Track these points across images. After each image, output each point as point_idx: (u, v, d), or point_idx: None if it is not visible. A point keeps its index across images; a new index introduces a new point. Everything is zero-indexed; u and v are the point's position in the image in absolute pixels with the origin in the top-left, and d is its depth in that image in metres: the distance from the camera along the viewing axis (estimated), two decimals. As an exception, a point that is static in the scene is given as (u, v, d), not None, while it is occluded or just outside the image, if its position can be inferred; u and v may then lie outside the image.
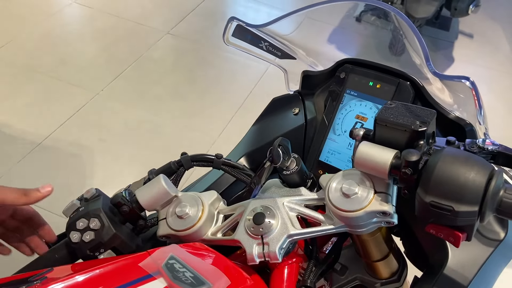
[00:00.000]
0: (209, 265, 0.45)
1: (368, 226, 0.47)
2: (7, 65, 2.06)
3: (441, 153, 0.41)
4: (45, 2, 2.51)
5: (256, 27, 0.55)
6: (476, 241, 0.52)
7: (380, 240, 0.54)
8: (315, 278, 0.53)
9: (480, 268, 0.50)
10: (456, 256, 0.51)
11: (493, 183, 0.38)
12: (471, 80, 0.44)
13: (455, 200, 0.38)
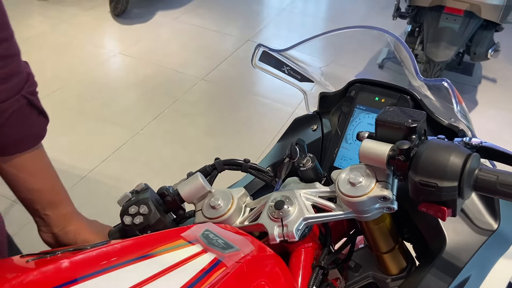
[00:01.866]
0: (237, 236, 0.54)
1: (372, 212, 0.56)
2: (58, 107, 2.28)
3: (428, 142, 0.50)
4: (94, 53, 2.78)
5: (278, 51, 0.67)
6: (471, 231, 0.59)
7: (385, 230, 0.62)
8: (328, 261, 0.60)
9: (475, 254, 0.57)
10: (452, 244, 0.58)
11: (469, 163, 0.46)
12: (448, 81, 0.53)
13: (439, 177, 0.47)
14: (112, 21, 3.12)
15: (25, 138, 0.57)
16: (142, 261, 0.47)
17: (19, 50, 0.56)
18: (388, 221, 0.62)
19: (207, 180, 0.70)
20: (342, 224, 0.70)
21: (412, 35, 2.28)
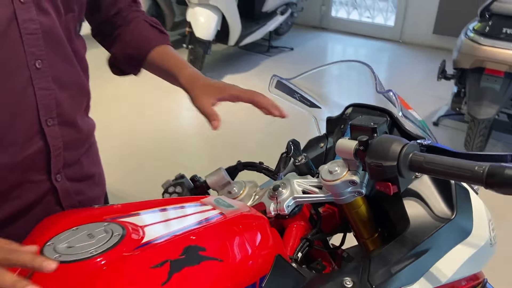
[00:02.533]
0: (240, 203, 0.73)
1: (345, 195, 0.72)
2: (134, 154, 2.66)
3: (380, 136, 0.67)
4: (171, 107, 3.19)
5: (288, 80, 0.88)
6: (430, 218, 0.72)
7: (363, 216, 0.76)
8: (314, 237, 0.76)
9: (431, 235, 0.70)
10: (413, 226, 0.71)
11: (405, 148, 0.63)
12: (393, 91, 0.71)
13: (383, 159, 0.63)
14: (187, 82, 3.58)
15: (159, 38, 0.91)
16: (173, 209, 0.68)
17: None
18: (364, 208, 0.77)
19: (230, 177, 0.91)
20: (335, 218, 0.86)
21: (458, 96, 2.39)
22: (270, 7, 3.91)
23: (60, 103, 0.74)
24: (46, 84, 0.71)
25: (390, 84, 3.76)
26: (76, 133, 0.81)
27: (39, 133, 0.73)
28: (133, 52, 0.91)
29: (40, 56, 0.70)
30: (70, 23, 0.76)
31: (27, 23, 0.67)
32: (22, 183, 0.74)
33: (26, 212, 0.77)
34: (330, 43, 4.63)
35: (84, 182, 0.87)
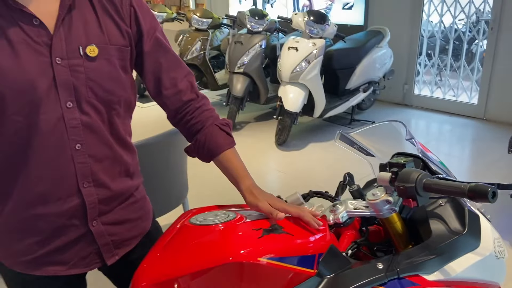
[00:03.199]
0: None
1: (384, 211, 1.02)
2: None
3: (404, 168, 0.99)
4: (257, 168, 3.63)
5: (349, 134, 1.22)
6: (447, 232, 0.99)
7: (398, 230, 1.05)
8: (362, 243, 1.06)
9: (446, 243, 0.97)
10: (434, 236, 0.99)
11: (420, 175, 0.93)
12: (415, 139, 1.02)
13: (405, 182, 0.95)
14: (275, 148, 4.03)
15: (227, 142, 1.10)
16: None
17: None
18: (399, 225, 1.06)
19: (304, 200, 1.25)
20: (380, 234, 1.14)
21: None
22: (353, 85, 4.33)
23: (94, 172, 0.98)
24: (83, 159, 0.96)
25: (473, 158, 3.87)
26: (108, 192, 1.02)
27: (78, 192, 0.97)
28: (205, 153, 1.10)
29: (79, 141, 0.94)
30: (113, 117, 1.00)
31: (71, 120, 0.92)
32: (66, 226, 0.99)
33: (69, 246, 1.02)
34: (412, 118, 4.85)
35: (118, 226, 1.07)
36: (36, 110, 0.88)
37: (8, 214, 0.97)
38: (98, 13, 0.95)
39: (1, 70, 0.84)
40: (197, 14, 4.89)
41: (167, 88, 1.06)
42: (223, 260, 0.82)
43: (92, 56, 0.93)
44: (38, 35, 0.88)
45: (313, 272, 0.92)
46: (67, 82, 0.90)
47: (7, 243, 1.00)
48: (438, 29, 4.90)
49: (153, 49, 1.04)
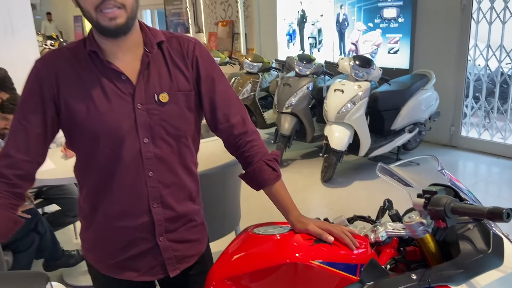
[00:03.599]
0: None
1: (418, 232, 1.18)
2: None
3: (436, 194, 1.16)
4: (303, 204, 3.79)
5: (388, 166, 1.40)
6: (473, 251, 1.14)
7: (432, 249, 1.20)
8: (399, 260, 1.22)
9: (472, 260, 1.11)
10: (462, 254, 1.14)
11: (448, 200, 1.10)
12: (445, 170, 1.19)
13: (436, 206, 1.12)
14: (320, 185, 4.19)
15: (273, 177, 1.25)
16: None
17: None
18: (433, 245, 1.21)
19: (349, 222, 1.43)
20: (417, 254, 1.29)
21: None
22: (399, 126, 4.46)
23: (162, 195, 1.18)
24: (154, 184, 1.16)
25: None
26: (173, 213, 1.21)
27: (148, 211, 1.18)
28: (254, 184, 1.26)
29: (152, 169, 1.15)
30: (182, 149, 1.20)
31: (146, 153, 1.14)
32: (139, 238, 1.20)
33: (141, 256, 1.22)
34: (459, 159, 4.87)
35: (180, 244, 1.25)
36: (120, 144, 1.12)
37: (97, 225, 1.21)
38: (169, 66, 1.17)
39: (99, 113, 1.11)
40: (249, 59, 5.28)
41: (221, 123, 1.23)
42: (281, 261, 1.03)
43: (164, 101, 1.15)
44: (125, 87, 1.13)
45: (355, 278, 1.09)
46: (145, 123, 1.13)
47: (98, 249, 1.25)
48: (484, 73, 4.98)
49: (209, 90, 1.21)
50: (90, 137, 1.13)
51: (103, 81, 1.12)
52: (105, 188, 1.16)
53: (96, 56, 1.12)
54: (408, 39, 5.22)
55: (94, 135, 1.12)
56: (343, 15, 5.93)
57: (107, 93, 1.12)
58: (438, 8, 4.99)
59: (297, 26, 6.74)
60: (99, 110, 1.11)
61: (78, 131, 1.13)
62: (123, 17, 1.05)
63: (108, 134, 1.12)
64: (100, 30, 1.07)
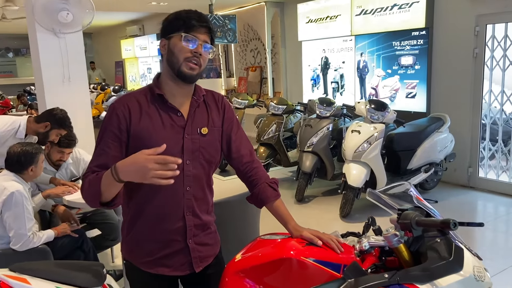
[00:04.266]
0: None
1: (394, 242, 1.47)
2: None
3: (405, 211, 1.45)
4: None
5: (376, 192, 1.69)
6: (438, 259, 1.41)
7: (405, 256, 1.47)
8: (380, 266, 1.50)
9: (436, 266, 1.38)
10: (429, 261, 1.41)
11: (413, 215, 1.40)
12: (413, 190, 1.48)
13: (404, 219, 1.41)
14: (339, 220, 4.43)
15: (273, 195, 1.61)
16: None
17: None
18: (406, 254, 1.48)
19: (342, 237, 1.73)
20: (396, 262, 1.56)
21: None
22: (415, 165, 4.69)
23: (193, 206, 1.53)
24: (189, 197, 1.51)
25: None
26: (199, 221, 1.56)
27: (183, 218, 1.52)
28: (258, 202, 1.63)
29: (189, 185, 1.50)
30: (210, 171, 1.58)
31: (187, 171, 1.49)
32: (173, 240, 1.53)
33: (174, 255, 1.53)
34: (478, 200, 5.00)
35: (202, 246, 1.59)
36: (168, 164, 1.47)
37: (140, 225, 1.54)
38: (208, 109, 1.59)
39: (158, 139, 1.47)
40: (274, 101, 5.70)
41: (234, 153, 1.63)
42: (280, 256, 1.35)
43: (204, 133, 1.55)
44: (178, 121, 1.53)
45: (339, 275, 1.39)
46: (188, 148, 1.51)
47: (139, 248, 1.57)
48: (500, 116, 5.19)
49: (227, 128, 1.62)
50: None
51: (163, 115, 1.50)
52: (151, 197, 1.51)
53: (159, 97, 1.52)
54: (425, 85, 5.53)
55: None
56: (363, 62, 6.33)
57: (164, 124, 1.51)
58: (451, 56, 5.31)
59: (320, 72, 7.17)
60: (158, 136, 1.48)
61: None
62: (197, 71, 1.48)
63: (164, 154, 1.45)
64: (178, 74, 1.47)
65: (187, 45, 1.46)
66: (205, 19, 1.51)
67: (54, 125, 2.91)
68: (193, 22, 1.47)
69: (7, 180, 2.45)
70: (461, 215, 4.40)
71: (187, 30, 1.47)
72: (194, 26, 1.47)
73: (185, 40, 1.46)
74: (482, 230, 4.13)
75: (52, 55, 3.62)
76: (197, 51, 1.46)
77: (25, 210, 2.38)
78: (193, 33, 1.47)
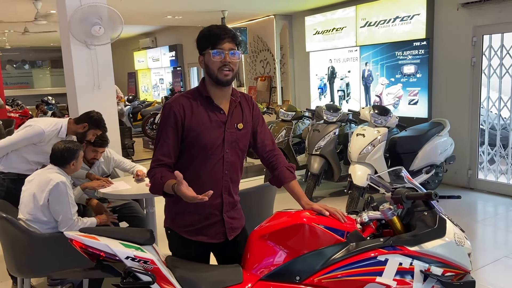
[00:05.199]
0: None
1: (389, 214, 1.78)
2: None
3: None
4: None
5: (374, 176, 2.00)
6: (425, 227, 1.72)
7: (398, 226, 1.79)
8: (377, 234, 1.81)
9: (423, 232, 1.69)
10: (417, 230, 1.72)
11: (404, 191, 1.72)
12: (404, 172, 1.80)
13: (396, 195, 1.74)
14: (345, 218, 4.72)
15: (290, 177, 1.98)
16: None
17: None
18: (399, 225, 1.80)
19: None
20: (390, 233, 1.87)
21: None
22: (417, 167, 4.99)
23: (229, 187, 1.87)
24: (227, 179, 1.85)
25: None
26: (232, 199, 1.91)
27: (220, 196, 1.85)
28: (278, 182, 1.97)
29: (227, 169, 1.84)
30: (242, 159, 1.92)
31: (226, 159, 1.84)
32: (212, 213, 1.86)
33: (211, 226, 1.86)
34: (478, 200, 5.26)
35: (234, 220, 1.93)
36: (213, 151, 1.83)
37: (184, 202, 1.78)
38: (243, 108, 1.94)
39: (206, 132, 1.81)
40: (283, 108, 6.04)
41: (258, 142, 1.99)
42: (294, 222, 1.68)
43: (240, 128, 1.90)
44: (221, 117, 1.87)
45: (343, 240, 1.71)
46: (228, 140, 1.86)
47: (182, 219, 1.90)
48: (497, 122, 5.48)
49: (255, 124, 1.97)
50: (199, 146, 1.82)
51: (210, 113, 1.86)
52: (197, 179, 1.82)
53: (207, 98, 1.86)
54: (426, 92, 5.85)
55: (202, 145, 1.82)
56: (368, 71, 6.67)
57: (211, 120, 1.85)
58: (450, 65, 5.64)
59: (327, 81, 7.52)
60: (207, 130, 1.83)
61: (193, 142, 1.82)
62: (231, 76, 1.81)
63: (210, 144, 1.83)
64: (216, 81, 1.82)
65: (216, 58, 1.79)
66: (226, 31, 1.80)
67: (91, 126, 3.27)
68: (216, 37, 1.77)
69: (52, 173, 2.79)
70: (460, 213, 4.68)
71: (213, 46, 1.78)
72: (218, 40, 1.77)
73: (214, 54, 1.78)
74: (481, 226, 4.42)
75: (84, 65, 4.00)
76: (225, 61, 1.78)
77: (69, 198, 2.72)
78: (219, 46, 1.77)
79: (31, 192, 2.75)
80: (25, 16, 7.27)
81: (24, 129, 3.28)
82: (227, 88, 1.87)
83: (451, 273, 1.68)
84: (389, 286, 1.62)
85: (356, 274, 1.64)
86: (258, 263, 1.70)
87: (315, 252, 1.67)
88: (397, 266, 1.64)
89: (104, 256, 1.53)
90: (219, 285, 1.64)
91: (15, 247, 2.71)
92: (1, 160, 3.28)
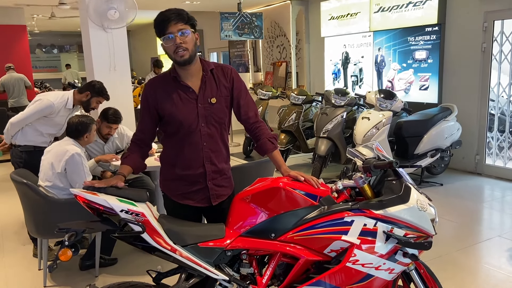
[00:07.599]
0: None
1: (360, 182, 1.96)
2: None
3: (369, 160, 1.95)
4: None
5: (351, 149, 2.18)
6: (391, 193, 1.89)
7: (369, 194, 1.96)
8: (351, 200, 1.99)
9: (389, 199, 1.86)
10: (385, 196, 1.89)
11: (372, 161, 1.90)
12: (376, 144, 1.96)
13: (366, 164, 1.91)
14: (349, 198, 4.89)
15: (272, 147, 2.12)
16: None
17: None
18: (369, 192, 1.96)
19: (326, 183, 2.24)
20: (363, 200, 2.04)
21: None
22: (422, 151, 5.09)
23: (211, 157, 2.01)
24: (206, 151, 2.00)
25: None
26: (216, 168, 2.04)
27: (202, 166, 2.01)
28: (261, 152, 2.09)
29: (205, 141, 1.98)
30: (222, 129, 2.03)
31: (203, 132, 1.98)
32: (197, 181, 2.02)
33: (197, 192, 2.03)
34: (485, 185, 5.32)
35: (219, 188, 2.08)
36: (189, 127, 1.99)
37: (173, 173, 2.07)
38: (216, 81, 2.02)
39: (179, 110, 2.00)
40: (295, 92, 6.20)
41: (242, 115, 2.09)
42: (271, 186, 1.88)
43: (213, 103, 2.00)
44: (192, 95, 2.03)
45: (316, 203, 1.90)
46: (202, 114, 1.99)
47: (173, 186, 2.12)
48: (507, 108, 5.49)
49: (237, 96, 2.06)
50: (175, 123, 2.03)
51: (180, 92, 2.04)
52: (180, 152, 2.05)
53: (175, 78, 2.05)
54: (437, 77, 5.89)
55: (177, 122, 2.03)
56: (380, 56, 6.72)
57: (182, 99, 2.04)
58: (461, 51, 5.66)
59: (341, 66, 7.61)
60: (179, 108, 2.03)
61: (168, 121, 2.00)
62: (188, 55, 1.90)
63: (184, 120, 2.02)
64: (176, 63, 1.99)
65: (168, 43, 1.88)
66: (169, 13, 1.85)
67: (93, 94, 3.54)
68: (161, 23, 1.86)
69: (68, 145, 3.08)
70: (464, 197, 4.77)
71: (161, 33, 1.87)
72: (164, 26, 1.85)
73: (165, 40, 1.88)
74: (486, 208, 4.51)
75: (101, 47, 4.27)
76: (177, 43, 1.86)
77: (84, 168, 3.00)
78: (167, 31, 1.85)
79: (49, 161, 3.05)
80: (50, 1, 7.62)
81: (34, 104, 3.55)
82: (190, 66, 1.96)
83: (413, 235, 1.85)
84: (353, 243, 1.80)
85: (324, 233, 1.83)
86: (239, 221, 1.92)
87: (289, 212, 1.87)
88: (361, 227, 1.82)
89: (103, 210, 1.77)
90: (203, 238, 1.86)
91: (35, 210, 3.01)
92: (17, 134, 3.59)
